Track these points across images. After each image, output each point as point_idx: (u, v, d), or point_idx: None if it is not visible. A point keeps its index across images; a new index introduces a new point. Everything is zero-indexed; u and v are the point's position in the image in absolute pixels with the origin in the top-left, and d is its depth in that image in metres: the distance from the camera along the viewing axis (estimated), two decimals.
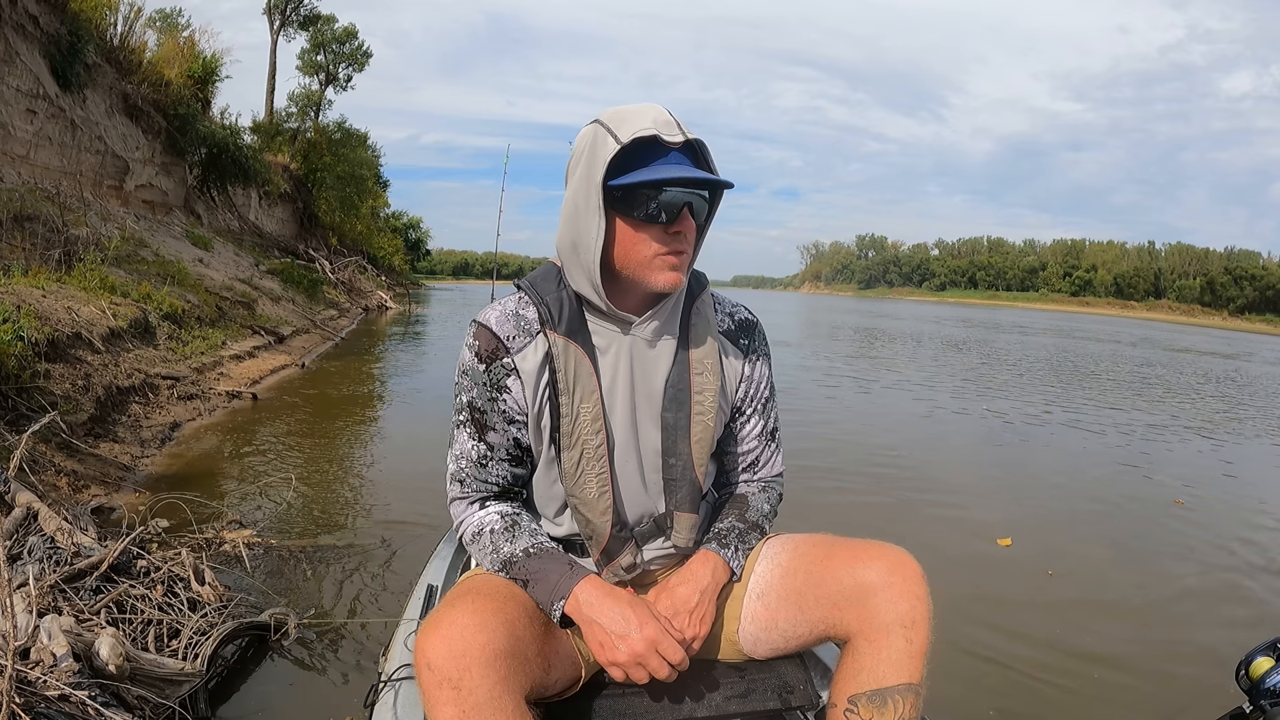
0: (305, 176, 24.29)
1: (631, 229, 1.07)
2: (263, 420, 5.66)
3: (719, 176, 1.08)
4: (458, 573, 1.68)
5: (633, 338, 1.15)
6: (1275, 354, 26.24)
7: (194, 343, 7.11)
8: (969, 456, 6.24)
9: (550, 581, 1.09)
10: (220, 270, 11.88)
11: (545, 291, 1.14)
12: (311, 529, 3.48)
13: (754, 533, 1.24)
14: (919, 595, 1.07)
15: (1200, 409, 9.80)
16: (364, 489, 4.22)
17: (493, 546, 1.14)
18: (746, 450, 1.29)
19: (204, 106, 15.87)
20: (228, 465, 4.40)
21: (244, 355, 7.75)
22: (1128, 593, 3.36)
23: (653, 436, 1.18)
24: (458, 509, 1.20)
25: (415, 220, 48.49)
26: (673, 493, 1.19)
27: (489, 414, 1.14)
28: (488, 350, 1.12)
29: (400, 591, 2.78)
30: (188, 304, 7.90)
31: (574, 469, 1.14)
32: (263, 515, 3.58)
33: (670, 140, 1.04)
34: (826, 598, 1.12)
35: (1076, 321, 51.42)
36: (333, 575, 2.97)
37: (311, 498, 3.97)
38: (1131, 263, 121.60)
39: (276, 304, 11.89)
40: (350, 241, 27.07)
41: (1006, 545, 3.80)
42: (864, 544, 1.13)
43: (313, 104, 27.41)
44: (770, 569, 1.20)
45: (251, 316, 9.67)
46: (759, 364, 1.27)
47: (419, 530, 3.42)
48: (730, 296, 1.31)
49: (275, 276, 14.06)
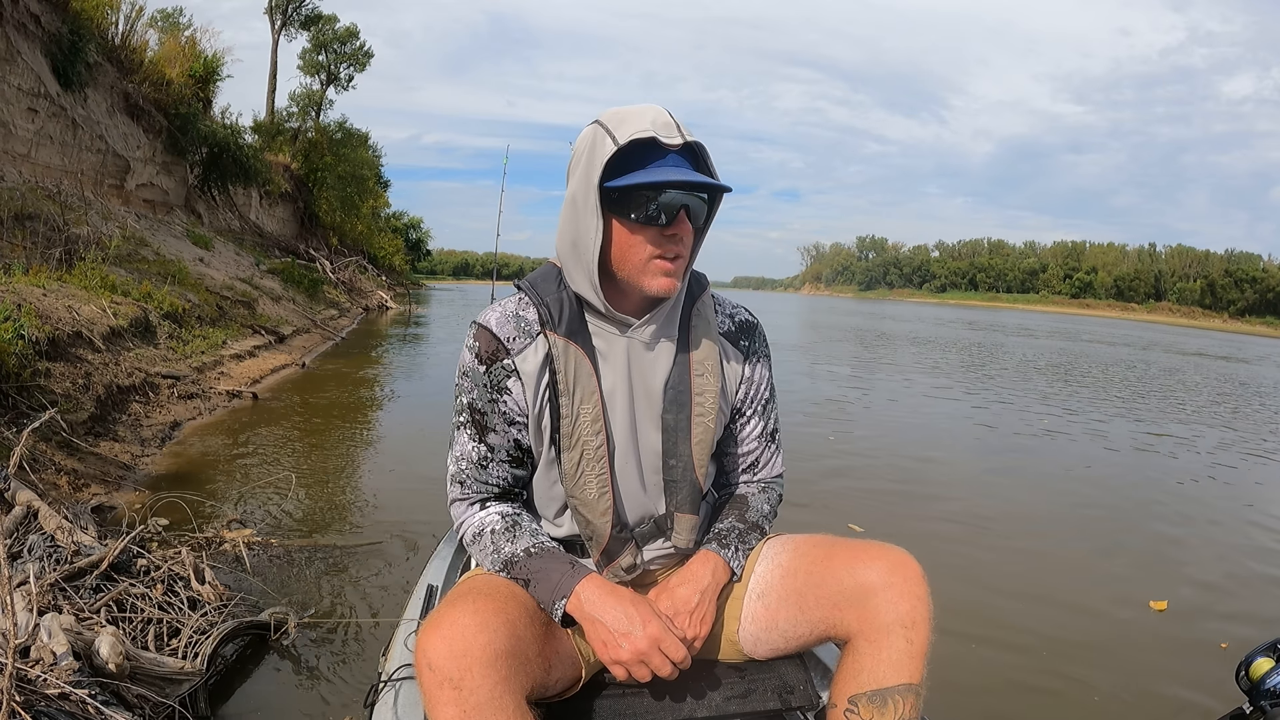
0: (306, 176, 24.30)
1: (629, 231, 1.07)
2: (263, 420, 5.65)
3: (717, 180, 1.07)
4: (458, 573, 1.68)
5: (633, 339, 1.15)
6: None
7: (194, 342, 7.11)
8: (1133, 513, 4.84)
9: (552, 581, 1.09)
10: (221, 270, 11.89)
11: (545, 292, 1.14)
12: (312, 529, 3.48)
13: (754, 533, 1.24)
14: (919, 595, 1.07)
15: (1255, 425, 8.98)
16: (364, 489, 4.22)
17: (493, 547, 1.14)
18: (747, 451, 1.30)
19: (205, 106, 15.88)
20: (228, 464, 4.40)
21: (244, 355, 7.75)
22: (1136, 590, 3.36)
23: (653, 438, 1.18)
24: (458, 510, 1.20)
25: (416, 220, 48.59)
26: (673, 494, 1.19)
27: (489, 415, 1.14)
28: (488, 352, 1.13)
29: (400, 591, 2.78)
30: (188, 303, 7.90)
31: (574, 470, 1.14)
32: (263, 515, 3.58)
33: (668, 142, 1.04)
34: (827, 598, 1.12)
35: (1078, 324, 51.34)
36: (333, 575, 2.97)
37: (312, 497, 3.97)
38: (1132, 265, 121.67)
39: (277, 303, 11.89)
40: (351, 241, 27.09)
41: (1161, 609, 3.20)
42: (864, 544, 1.13)
43: (314, 104, 27.44)
44: (771, 569, 1.20)
45: (252, 316, 9.67)
46: (759, 365, 1.27)
47: (419, 530, 3.41)
48: (731, 298, 1.31)
49: (276, 276, 14.06)
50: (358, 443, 5.42)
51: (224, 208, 17.50)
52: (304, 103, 27.31)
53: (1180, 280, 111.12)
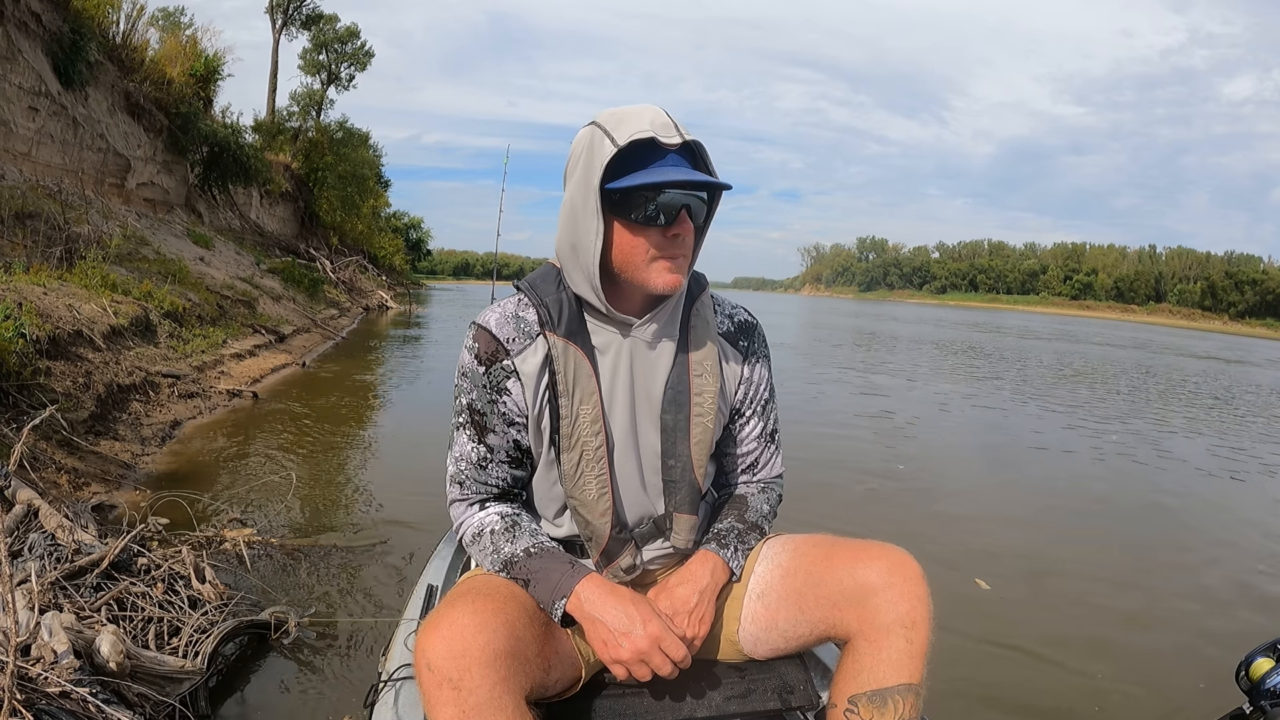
0: (306, 176, 24.31)
1: (630, 232, 1.07)
2: (263, 419, 5.66)
3: (717, 178, 1.08)
4: (458, 573, 1.68)
5: (632, 339, 1.15)
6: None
7: (195, 341, 7.11)
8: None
9: (552, 580, 1.09)
10: (221, 269, 11.89)
11: (545, 293, 1.15)
12: (312, 528, 3.48)
13: (753, 533, 1.25)
14: (919, 595, 1.07)
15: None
16: (364, 489, 4.22)
17: (493, 547, 1.14)
18: (746, 452, 1.30)
19: (206, 105, 15.89)
20: (228, 464, 4.40)
21: (245, 354, 7.75)
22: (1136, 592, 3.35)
23: (652, 438, 1.18)
24: (457, 510, 1.21)
25: (416, 220, 48.64)
26: (672, 494, 1.20)
27: (488, 416, 1.14)
28: (487, 352, 1.13)
29: (400, 591, 2.78)
30: (189, 302, 7.90)
31: (573, 470, 1.14)
32: (263, 514, 3.58)
33: (667, 142, 1.04)
34: (827, 598, 1.12)
35: (1079, 325, 51.07)
36: (333, 575, 2.97)
37: (312, 497, 3.97)
38: (1132, 266, 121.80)
39: (277, 303, 11.89)
40: (351, 241, 27.09)
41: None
42: (864, 544, 1.14)
43: (314, 103, 27.45)
44: (770, 569, 1.20)
45: (252, 315, 9.68)
46: (758, 366, 1.27)
47: (419, 531, 3.42)
48: (730, 298, 1.31)
49: (276, 275, 14.06)
50: (357, 443, 5.42)
51: (224, 207, 17.50)
52: (305, 102, 27.34)
53: (1180, 282, 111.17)
